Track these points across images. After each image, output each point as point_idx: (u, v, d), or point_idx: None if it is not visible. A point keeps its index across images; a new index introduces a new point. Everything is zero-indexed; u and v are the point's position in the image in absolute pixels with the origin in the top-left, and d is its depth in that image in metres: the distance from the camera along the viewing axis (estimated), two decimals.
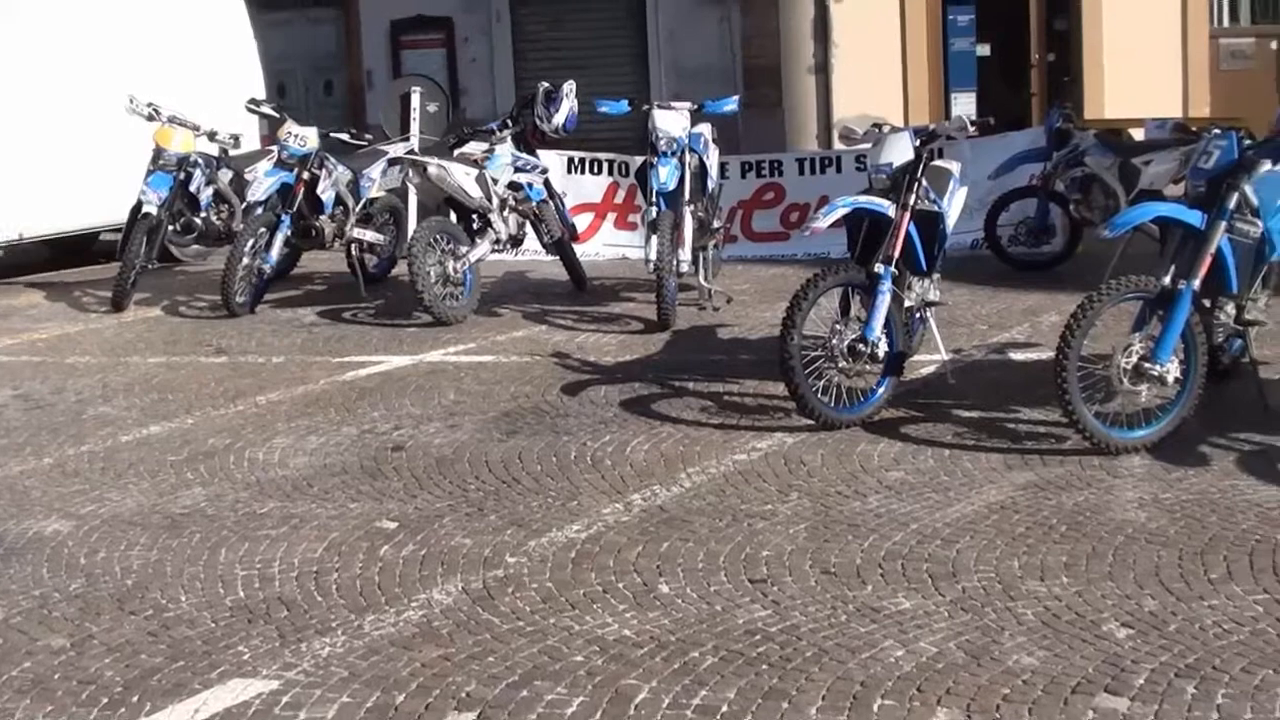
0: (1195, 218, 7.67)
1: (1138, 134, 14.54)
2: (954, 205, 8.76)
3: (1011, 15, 20.41)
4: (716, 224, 12.18)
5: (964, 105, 19.66)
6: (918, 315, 8.63)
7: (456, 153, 12.29)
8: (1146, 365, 7.44)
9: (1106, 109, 19.35)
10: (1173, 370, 7.49)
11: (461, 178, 11.82)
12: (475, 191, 11.87)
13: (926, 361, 9.29)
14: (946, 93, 20.15)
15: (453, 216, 12.26)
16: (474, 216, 12.08)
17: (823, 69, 20.01)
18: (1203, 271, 7.57)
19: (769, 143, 18.60)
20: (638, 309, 11.99)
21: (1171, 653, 5.17)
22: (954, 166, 9.11)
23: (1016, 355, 9.98)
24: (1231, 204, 7.70)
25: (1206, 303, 7.81)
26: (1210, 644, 5.23)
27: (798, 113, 20.04)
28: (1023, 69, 20.55)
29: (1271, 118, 13.86)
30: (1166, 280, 7.54)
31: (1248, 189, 7.83)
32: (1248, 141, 8.14)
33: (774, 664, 5.17)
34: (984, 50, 20.42)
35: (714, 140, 12.12)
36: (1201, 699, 4.83)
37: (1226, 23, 20.50)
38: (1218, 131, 8.16)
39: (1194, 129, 11.75)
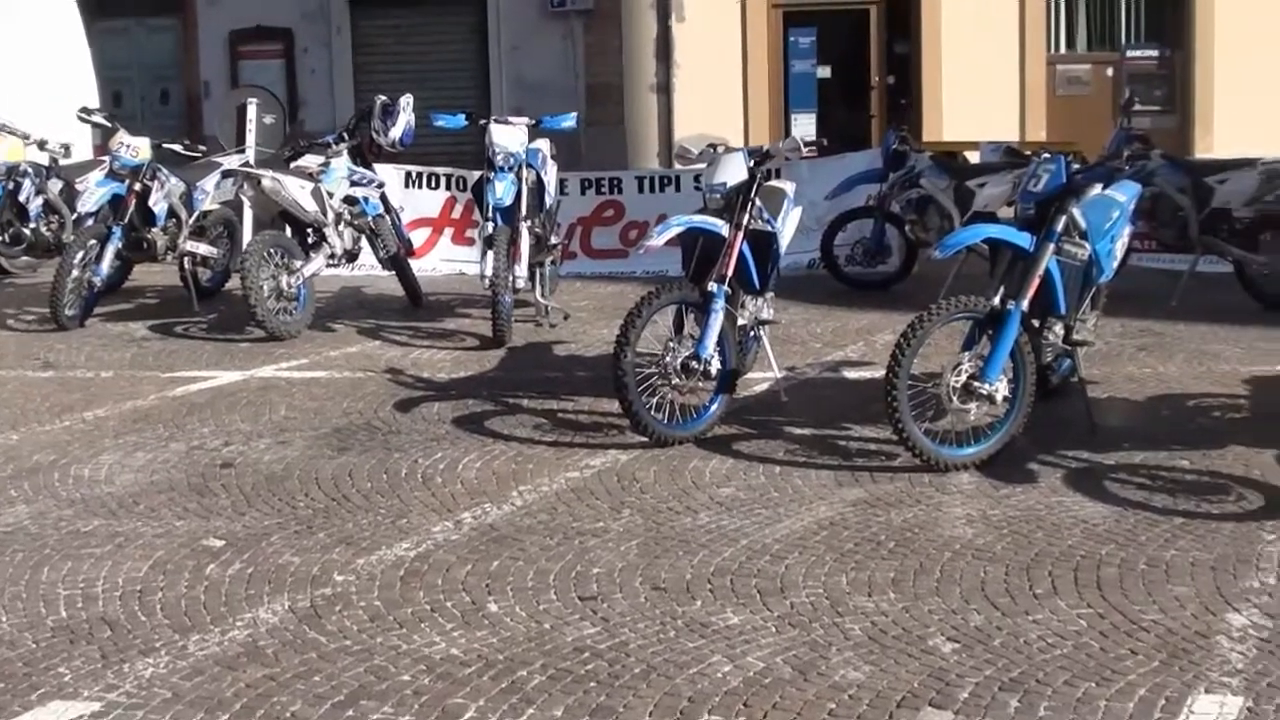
0: (1024, 240, 7.81)
1: (974, 156, 14.80)
2: (788, 225, 8.83)
3: (852, 38, 20.68)
4: (554, 240, 12.16)
5: (804, 126, 19.90)
6: (751, 333, 8.68)
7: (292, 166, 12.17)
8: (976, 384, 7.55)
9: (945, 131, 19.68)
10: (1001, 389, 7.60)
11: (296, 191, 11.70)
12: (310, 205, 11.76)
13: (760, 379, 9.36)
14: (787, 113, 20.36)
15: (288, 230, 12.11)
16: (309, 231, 11.96)
17: (664, 88, 20.13)
18: (1030, 292, 7.70)
19: (611, 160, 18.66)
20: (473, 325, 11.93)
21: (996, 667, 5.24)
22: (789, 187, 9.17)
23: (850, 373, 10.09)
24: (1059, 227, 7.85)
25: (1035, 323, 7.95)
26: (1034, 658, 5.31)
27: (639, 130, 20.13)
28: (863, 91, 20.80)
29: (1105, 142, 14.22)
30: (995, 301, 7.67)
31: (1076, 212, 7.99)
32: (1076, 165, 8.29)
33: (602, 681, 5.16)
34: (824, 72, 20.66)
35: (553, 156, 12.11)
36: (1024, 711, 4.90)
37: (1064, 49, 20.93)
38: (1047, 155, 8.32)
39: (1026, 152, 11.96)
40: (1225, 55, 20.17)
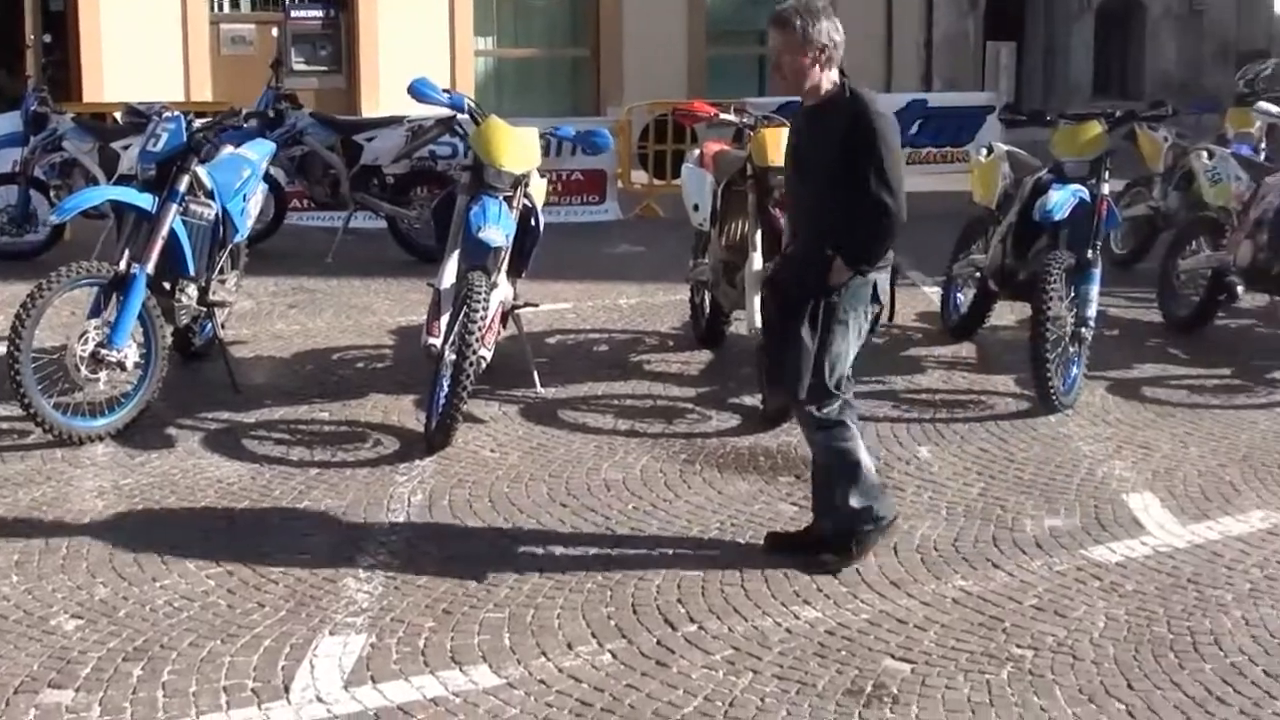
0: (146, 201, 7.66)
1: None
2: None
3: None
4: None
5: None
6: None
7: None
8: (104, 351, 7.33)
9: (106, 92, 19.14)
10: (132, 355, 7.42)
11: None
12: None
13: None
14: None
15: None
16: None
17: None
18: (155, 254, 7.56)
19: None
20: None
21: (120, 638, 5.16)
22: None
23: None
24: (182, 187, 7.75)
25: (167, 285, 7.83)
26: (160, 624, 5.28)
27: None
28: (19, 50, 19.92)
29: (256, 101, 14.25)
30: (121, 264, 7.49)
31: (200, 172, 7.93)
32: (199, 124, 8.21)
33: None
34: None
35: None
36: (147, 679, 4.86)
37: (227, 9, 20.82)
38: (168, 115, 8.19)
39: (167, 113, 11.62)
40: (388, 16, 20.70)
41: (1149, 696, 4.87)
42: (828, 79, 5.74)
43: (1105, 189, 8.56)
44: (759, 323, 7.95)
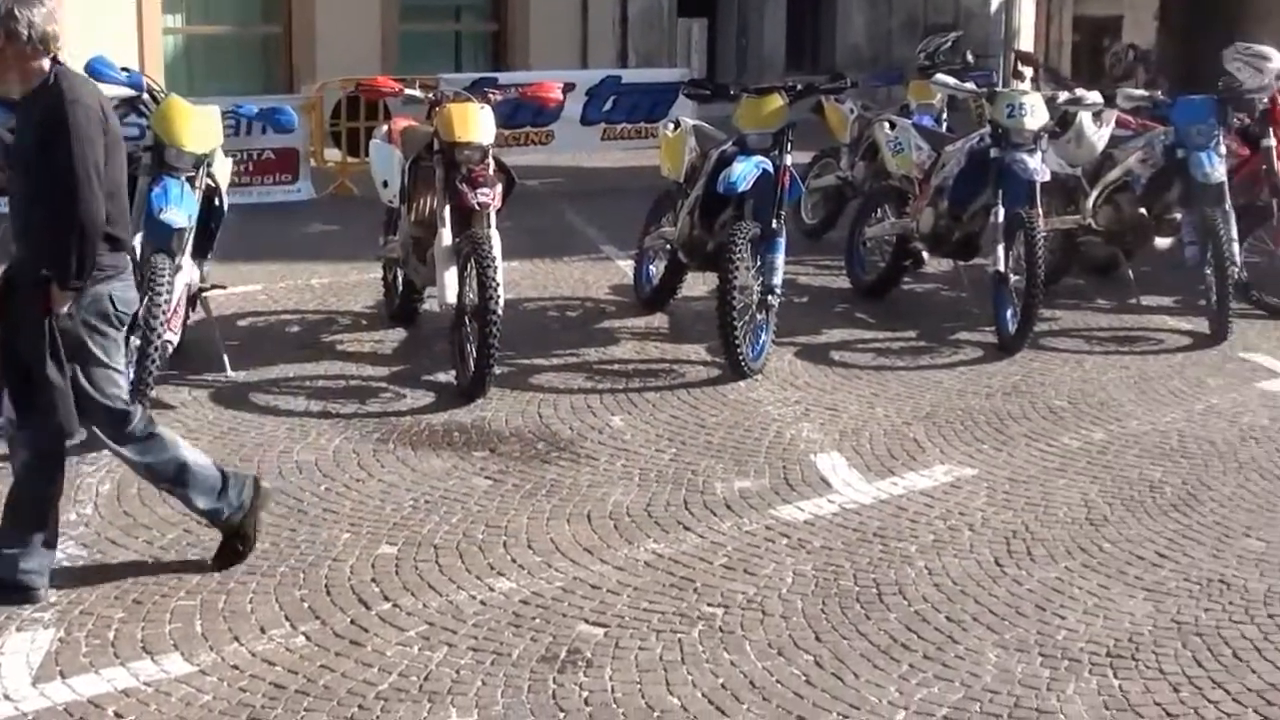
0: None
1: None
2: None
3: None
4: None
5: None
6: None
7: None
8: None
9: None
10: None
11: None
12: None
13: None
14: None
15: None
16: None
17: None
18: None
19: None
20: None
21: None
22: None
23: None
24: None
25: None
26: None
27: None
28: None
29: None
30: None
31: None
32: None
33: None
34: None
35: None
36: None
37: None
38: None
39: None
40: None
41: (836, 647, 5.03)
42: (35, 69, 5.25)
43: (788, 160, 8.76)
44: (451, 298, 7.95)
